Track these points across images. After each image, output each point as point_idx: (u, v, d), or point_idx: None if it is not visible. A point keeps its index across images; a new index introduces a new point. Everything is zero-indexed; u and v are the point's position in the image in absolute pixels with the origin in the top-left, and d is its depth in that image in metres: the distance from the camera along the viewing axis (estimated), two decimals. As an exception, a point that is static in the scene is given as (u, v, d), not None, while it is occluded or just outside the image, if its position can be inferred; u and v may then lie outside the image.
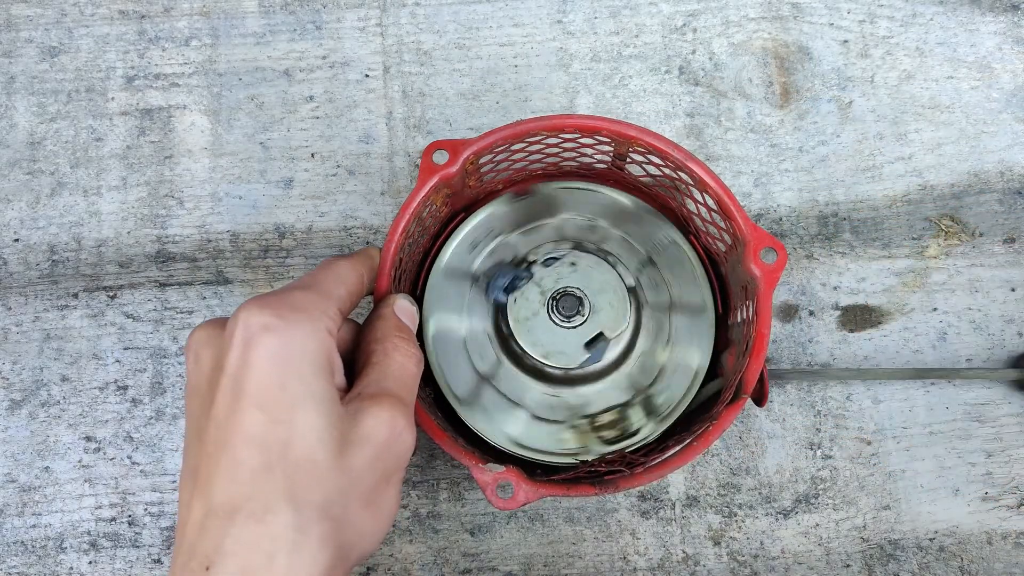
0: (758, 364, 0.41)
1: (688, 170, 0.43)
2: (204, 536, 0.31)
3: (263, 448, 0.31)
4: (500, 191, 0.48)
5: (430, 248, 0.47)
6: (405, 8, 0.55)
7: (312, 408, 0.32)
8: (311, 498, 0.31)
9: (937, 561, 0.47)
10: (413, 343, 0.38)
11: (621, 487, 0.40)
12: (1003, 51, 0.54)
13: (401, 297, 0.41)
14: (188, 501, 0.32)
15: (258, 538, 0.30)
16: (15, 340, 0.50)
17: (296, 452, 0.31)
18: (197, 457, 0.32)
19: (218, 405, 0.32)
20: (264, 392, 0.31)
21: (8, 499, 0.48)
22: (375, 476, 0.34)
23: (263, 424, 0.31)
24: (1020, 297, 0.50)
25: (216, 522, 0.31)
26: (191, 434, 0.34)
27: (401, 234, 0.42)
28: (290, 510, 0.31)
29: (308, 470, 0.31)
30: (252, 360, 0.32)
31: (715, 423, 0.40)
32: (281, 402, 0.31)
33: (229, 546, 0.30)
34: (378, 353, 0.37)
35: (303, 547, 0.31)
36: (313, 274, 0.38)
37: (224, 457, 0.31)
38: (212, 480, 0.31)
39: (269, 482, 0.31)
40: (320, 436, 0.32)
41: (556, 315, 0.44)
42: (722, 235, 0.44)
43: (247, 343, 0.32)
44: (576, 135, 0.44)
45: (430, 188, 0.42)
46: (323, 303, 0.35)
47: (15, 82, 0.53)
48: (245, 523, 0.30)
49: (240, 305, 0.33)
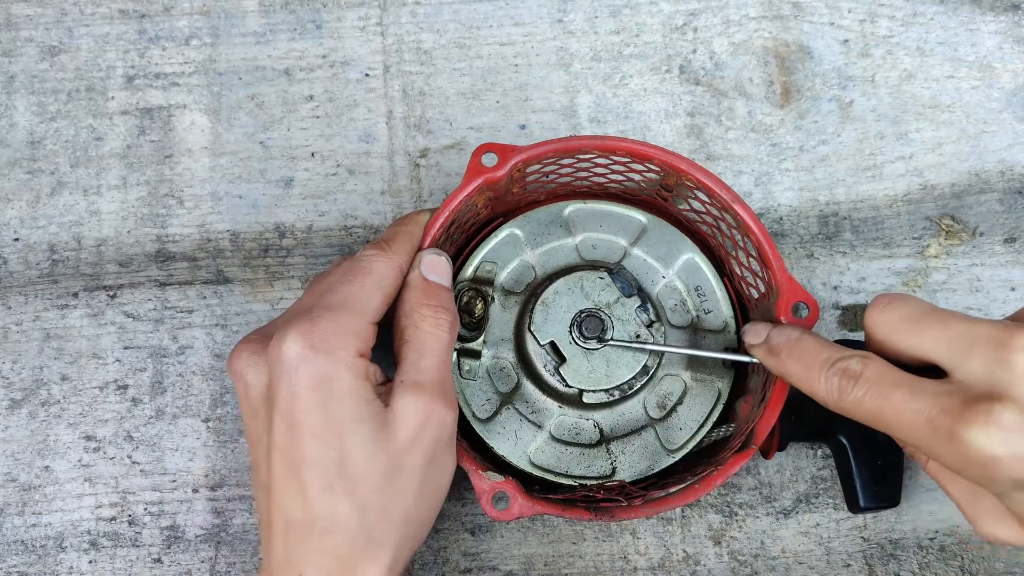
0: (771, 418, 0.41)
1: (733, 212, 0.43)
2: (291, 548, 0.36)
3: (323, 471, 0.35)
4: (542, 201, 0.47)
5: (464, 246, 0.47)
6: (405, 7, 0.55)
7: (355, 427, 0.36)
8: (370, 506, 0.36)
9: (938, 561, 0.47)
10: (442, 307, 0.40)
11: (617, 517, 0.40)
12: (1004, 51, 0.54)
13: (427, 254, 0.42)
14: (267, 512, 0.37)
15: (334, 548, 0.35)
16: (15, 339, 0.50)
17: (350, 470, 0.35)
18: (267, 476, 0.37)
19: (277, 433, 0.36)
20: (312, 421, 0.36)
21: (8, 498, 0.48)
22: (422, 464, 0.37)
23: (318, 449, 0.35)
24: (1020, 297, 0.50)
25: (297, 536, 0.36)
26: (258, 452, 0.38)
27: (439, 230, 0.42)
28: (355, 521, 0.35)
29: (363, 483, 0.36)
30: (297, 392, 0.36)
31: (720, 468, 0.40)
32: (328, 428, 0.36)
33: (313, 557, 0.35)
34: (409, 329, 0.39)
35: (371, 551, 0.36)
36: (349, 281, 0.39)
37: (291, 480, 0.36)
38: (286, 500, 0.36)
39: (332, 499, 0.35)
40: (368, 452, 0.36)
41: (579, 337, 0.44)
42: (757, 282, 0.44)
43: (291, 374, 0.36)
44: (627, 159, 0.44)
45: (474, 188, 0.42)
46: (355, 322, 0.37)
47: (15, 81, 0.53)
48: (320, 537, 0.35)
49: (278, 332, 0.37)
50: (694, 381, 0.45)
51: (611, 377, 0.43)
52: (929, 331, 0.34)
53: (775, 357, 0.39)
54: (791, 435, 0.43)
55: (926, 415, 0.32)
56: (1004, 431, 0.31)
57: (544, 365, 0.44)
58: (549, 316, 0.44)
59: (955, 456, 0.32)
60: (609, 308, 0.44)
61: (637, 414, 0.44)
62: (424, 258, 0.41)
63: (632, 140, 0.43)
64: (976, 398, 0.32)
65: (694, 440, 0.44)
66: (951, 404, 0.32)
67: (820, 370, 0.36)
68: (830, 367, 0.36)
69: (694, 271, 0.46)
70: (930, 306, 0.35)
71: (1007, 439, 0.31)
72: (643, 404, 0.45)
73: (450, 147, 0.53)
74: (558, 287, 0.44)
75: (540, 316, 0.44)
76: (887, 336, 0.36)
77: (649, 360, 0.44)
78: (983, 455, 0.31)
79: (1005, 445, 0.31)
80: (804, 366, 0.37)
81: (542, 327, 0.44)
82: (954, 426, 0.31)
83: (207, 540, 0.47)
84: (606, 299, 0.44)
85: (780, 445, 0.43)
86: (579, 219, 0.47)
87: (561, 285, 0.44)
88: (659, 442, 0.44)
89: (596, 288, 0.44)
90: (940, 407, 0.32)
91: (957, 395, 0.32)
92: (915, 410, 0.33)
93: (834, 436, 0.44)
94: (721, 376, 0.45)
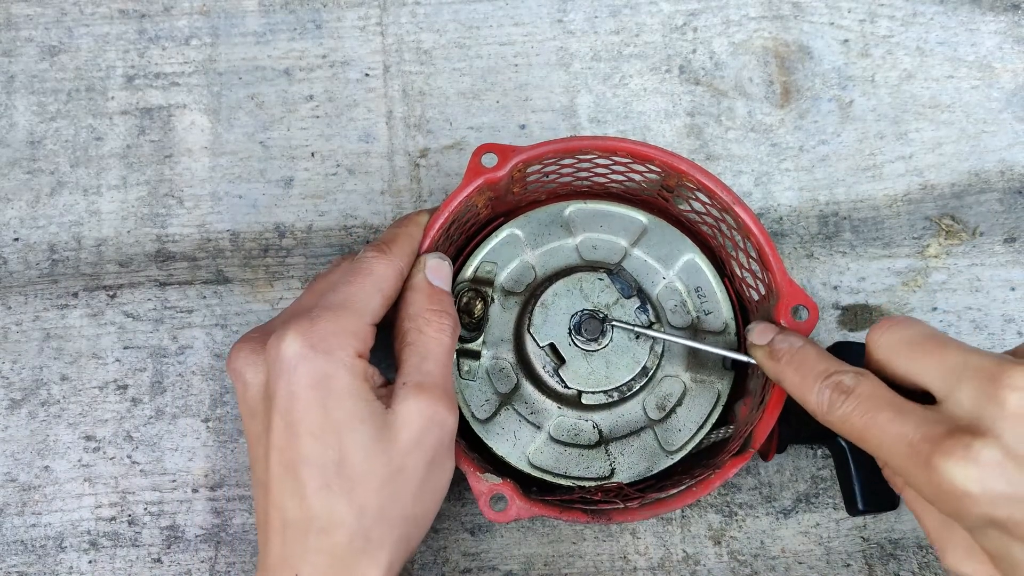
0: (770, 422, 0.41)
1: (733, 213, 0.43)
2: (288, 547, 0.36)
3: (320, 470, 0.35)
4: (543, 201, 0.47)
5: (464, 247, 0.47)
6: (405, 7, 0.55)
7: (355, 427, 0.36)
8: (368, 507, 0.35)
9: (938, 560, 0.47)
10: (445, 312, 0.40)
11: (614, 519, 0.40)
12: (1003, 50, 0.54)
13: (431, 258, 0.42)
14: (265, 510, 0.37)
15: (331, 548, 0.35)
16: (15, 339, 0.50)
17: (348, 469, 0.35)
18: (265, 475, 0.37)
19: (275, 432, 0.36)
20: (311, 420, 0.36)
21: (8, 498, 0.48)
22: (422, 466, 0.37)
23: (316, 449, 0.35)
24: (1020, 296, 0.50)
25: (295, 535, 0.36)
26: (256, 451, 0.38)
27: (439, 230, 0.42)
28: (352, 521, 0.35)
29: (361, 483, 0.35)
30: (295, 391, 0.36)
31: (718, 472, 0.40)
32: (327, 427, 0.35)
33: (310, 557, 0.35)
34: (412, 332, 0.39)
35: (369, 551, 0.35)
36: (350, 282, 0.39)
37: (288, 479, 0.36)
38: (283, 499, 0.36)
39: (330, 499, 0.35)
40: (366, 452, 0.36)
41: (578, 339, 0.44)
42: (757, 284, 0.44)
43: (289, 373, 0.36)
44: (628, 160, 0.44)
45: (474, 189, 0.42)
46: (354, 323, 0.37)
47: (15, 81, 0.53)
48: (317, 536, 0.35)
49: (277, 331, 0.37)
50: (693, 383, 0.45)
51: (610, 378, 0.43)
52: (926, 357, 0.34)
53: (774, 361, 0.39)
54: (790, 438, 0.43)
55: (908, 439, 0.32)
56: (980, 467, 0.30)
57: (543, 366, 0.44)
58: (548, 318, 0.44)
59: (929, 486, 0.32)
60: (609, 309, 0.44)
61: (636, 415, 0.44)
62: (428, 262, 0.41)
63: (633, 141, 0.43)
64: (958, 430, 0.31)
65: (693, 442, 0.44)
66: (933, 432, 0.32)
67: (815, 381, 0.36)
68: (825, 379, 0.36)
69: (695, 272, 0.46)
70: (932, 331, 0.35)
71: (983, 475, 0.30)
72: (642, 405, 0.45)
73: (450, 147, 0.53)
74: (557, 288, 0.44)
75: (539, 318, 0.44)
76: (886, 358, 0.36)
77: (648, 361, 0.44)
78: (957, 489, 0.31)
79: (980, 482, 0.30)
80: (801, 375, 0.37)
81: (541, 329, 0.44)
82: (932, 455, 0.31)
83: (207, 540, 0.47)
84: (605, 300, 0.44)
85: (779, 447, 0.43)
86: (579, 219, 0.47)
87: (560, 287, 0.44)
88: (658, 443, 0.44)
89: (595, 289, 0.44)
90: (922, 434, 0.32)
91: (941, 424, 0.32)
92: (898, 433, 0.33)
93: (833, 439, 0.44)
94: (720, 378, 0.45)
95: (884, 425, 0.33)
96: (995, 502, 0.31)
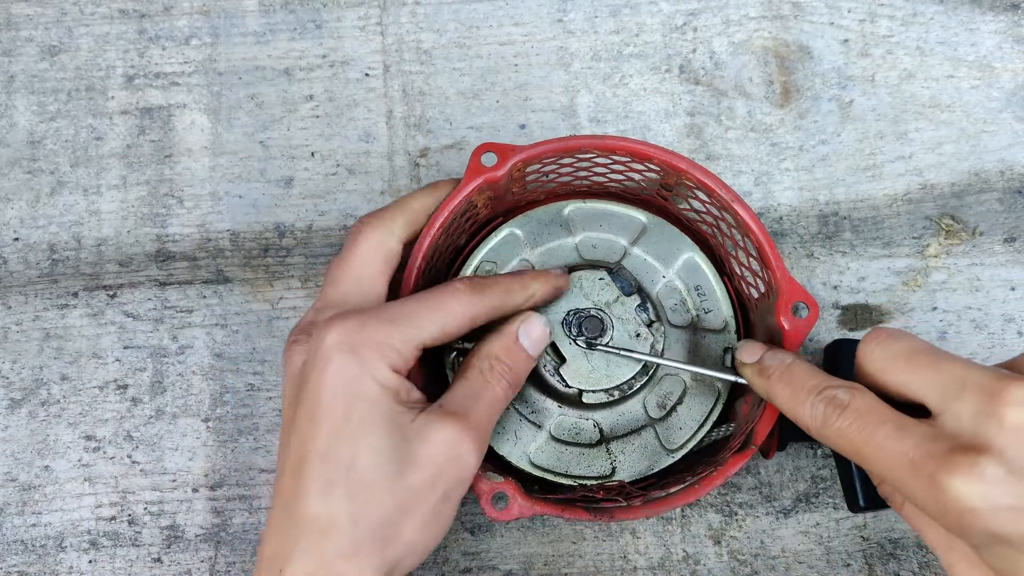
0: (771, 418, 0.40)
1: (733, 211, 0.43)
2: (284, 542, 0.35)
3: (331, 466, 0.35)
4: (542, 201, 0.47)
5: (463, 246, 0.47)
6: (405, 7, 0.55)
7: (374, 433, 0.35)
8: (366, 517, 0.35)
9: (938, 560, 0.47)
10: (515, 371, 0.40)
11: (616, 517, 0.40)
12: (1003, 50, 0.54)
13: (535, 318, 0.41)
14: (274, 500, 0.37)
15: (323, 550, 0.34)
16: (15, 339, 0.50)
17: (358, 473, 0.35)
18: (283, 463, 0.37)
19: (300, 420, 0.36)
20: (334, 416, 0.35)
21: (8, 498, 0.48)
22: (435, 496, 0.36)
23: (331, 445, 0.35)
24: (1020, 296, 0.50)
25: (294, 531, 0.35)
26: (284, 437, 0.38)
27: (439, 230, 0.42)
28: (348, 526, 0.35)
29: (368, 489, 0.35)
30: (326, 383, 0.36)
31: (719, 469, 0.40)
32: (347, 427, 0.35)
33: (299, 556, 0.35)
34: (473, 369, 0.39)
35: (357, 560, 0.35)
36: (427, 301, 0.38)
37: (301, 471, 0.35)
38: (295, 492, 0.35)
39: (333, 498, 0.35)
40: (380, 460, 0.35)
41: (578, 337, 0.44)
42: (757, 282, 0.44)
43: (324, 365, 0.36)
44: (627, 159, 0.44)
45: (473, 188, 0.42)
46: (402, 340, 0.37)
47: (15, 81, 0.53)
48: (311, 537, 0.35)
49: (326, 320, 0.37)
50: (694, 381, 0.45)
51: (611, 377, 0.43)
52: (922, 370, 0.34)
53: (764, 379, 0.39)
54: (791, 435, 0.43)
55: (909, 456, 0.32)
56: (986, 484, 0.30)
57: (544, 365, 0.44)
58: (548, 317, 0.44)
59: (934, 503, 0.32)
60: (609, 308, 0.44)
61: (637, 414, 0.45)
62: (531, 319, 0.41)
63: (632, 140, 0.43)
64: (961, 447, 0.31)
65: (694, 440, 0.44)
66: (936, 449, 0.32)
67: (807, 396, 0.36)
68: (818, 394, 0.36)
69: (694, 270, 0.46)
70: (925, 345, 0.35)
71: (988, 492, 0.30)
72: (643, 404, 0.45)
73: (450, 147, 0.53)
74: None
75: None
76: (878, 371, 0.36)
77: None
78: (962, 505, 0.31)
79: (985, 498, 0.30)
80: (792, 390, 0.37)
81: None
82: (936, 472, 0.31)
83: (207, 540, 0.47)
84: (605, 298, 0.44)
85: (780, 445, 0.43)
86: (579, 218, 0.47)
87: None
88: (659, 442, 0.44)
89: (595, 288, 0.44)
90: (924, 450, 0.32)
91: (943, 441, 0.32)
92: (898, 450, 0.33)
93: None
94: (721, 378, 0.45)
95: (883, 441, 0.33)
96: (1000, 518, 0.31)
